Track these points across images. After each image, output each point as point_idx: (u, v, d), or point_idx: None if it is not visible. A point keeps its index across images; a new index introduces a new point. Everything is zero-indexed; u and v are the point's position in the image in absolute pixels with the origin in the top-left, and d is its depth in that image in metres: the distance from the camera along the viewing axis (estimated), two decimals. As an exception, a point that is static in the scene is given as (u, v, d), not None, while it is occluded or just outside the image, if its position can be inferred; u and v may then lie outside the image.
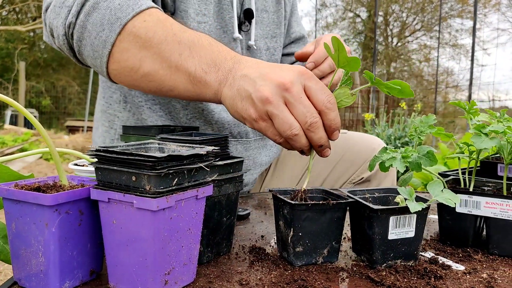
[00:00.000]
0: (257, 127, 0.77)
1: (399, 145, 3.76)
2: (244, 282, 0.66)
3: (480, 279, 0.70)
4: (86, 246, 0.64)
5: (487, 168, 1.12)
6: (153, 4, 0.91)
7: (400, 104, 5.13)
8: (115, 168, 0.59)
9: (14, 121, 11.68)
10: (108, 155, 0.59)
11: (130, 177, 0.58)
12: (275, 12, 1.36)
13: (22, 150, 6.74)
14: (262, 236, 0.90)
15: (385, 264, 0.74)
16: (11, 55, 14.83)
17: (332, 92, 0.78)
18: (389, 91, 0.78)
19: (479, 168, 1.19)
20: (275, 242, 0.86)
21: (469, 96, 6.47)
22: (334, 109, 0.75)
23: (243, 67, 0.79)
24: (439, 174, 1.05)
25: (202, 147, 0.66)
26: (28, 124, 11.94)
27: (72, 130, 11.39)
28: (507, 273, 0.73)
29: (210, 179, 0.67)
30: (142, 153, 0.57)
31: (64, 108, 15.62)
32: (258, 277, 0.69)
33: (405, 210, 0.72)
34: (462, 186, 0.93)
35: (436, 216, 0.92)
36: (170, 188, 0.59)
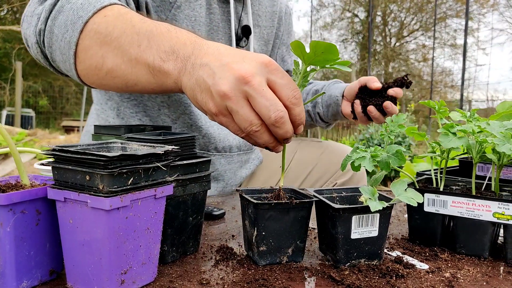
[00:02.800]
0: (218, 121, 0.74)
1: (392, 144, 3.76)
2: (204, 282, 0.66)
3: (442, 278, 0.70)
4: (45, 246, 0.64)
5: (466, 167, 1.13)
6: (116, 1, 0.90)
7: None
8: (70, 167, 0.59)
9: (10, 121, 11.66)
10: (63, 154, 0.59)
11: (85, 177, 0.58)
12: (265, 27, 1.39)
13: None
14: (233, 236, 0.90)
15: (348, 264, 0.74)
16: (8, 55, 14.82)
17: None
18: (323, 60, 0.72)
19: (457, 167, 1.19)
20: (244, 242, 0.86)
21: (461, 96, 6.46)
22: (299, 104, 0.71)
23: (203, 54, 0.74)
24: (417, 173, 1.06)
25: (162, 147, 0.66)
26: (24, 125, 11.92)
27: (68, 130, 11.38)
28: (470, 272, 0.73)
29: (170, 178, 0.67)
30: (95, 152, 0.57)
31: (61, 108, 15.62)
32: (220, 277, 0.69)
33: (367, 209, 0.72)
34: (434, 185, 0.94)
35: (408, 216, 0.92)
36: (124, 188, 0.59)
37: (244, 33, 1.31)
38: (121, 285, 0.60)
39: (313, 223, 1.02)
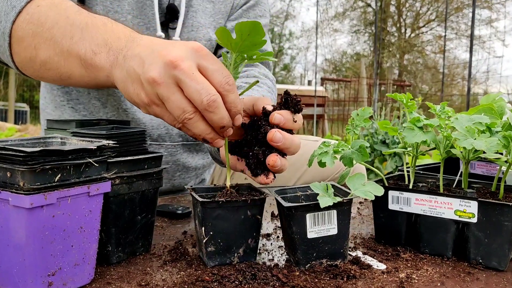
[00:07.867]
0: (152, 113, 0.70)
1: (397, 140, 3.69)
2: (143, 283, 0.64)
3: (395, 279, 0.66)
4: (-24, 245, 0.62)
5: (449, 164, 1.08)
6: None
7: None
8: (-8, 164, 0.57)
9: (3, 116, 11.63)
10: (-15, 151, 0.57)
11: (6, 173, 0.56)
12: (223, 2, 1.28)
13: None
14: (191, 236, 0.87)
15: (308, 265, 0.70)
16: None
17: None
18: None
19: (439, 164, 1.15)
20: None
21: (468, 89, 6.26)
22: (233, 91, 0.67)
23: (136, 45, 0.71)
24: (398, 169, 1.02)
25: (98, 142, 0.63)
26: (18, 120, 11.85)
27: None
28: (428, 272, 0.69)
29: (107, 175, 0.64)
30: (13, 147, 0.54)
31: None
32: (163, 278, 0.66)
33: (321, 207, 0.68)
34: (406, 182, 0.89)
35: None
36: (50, 184, 0.56)
37: (170, 13, 1.17)
38: (48, 287, 0.58)
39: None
